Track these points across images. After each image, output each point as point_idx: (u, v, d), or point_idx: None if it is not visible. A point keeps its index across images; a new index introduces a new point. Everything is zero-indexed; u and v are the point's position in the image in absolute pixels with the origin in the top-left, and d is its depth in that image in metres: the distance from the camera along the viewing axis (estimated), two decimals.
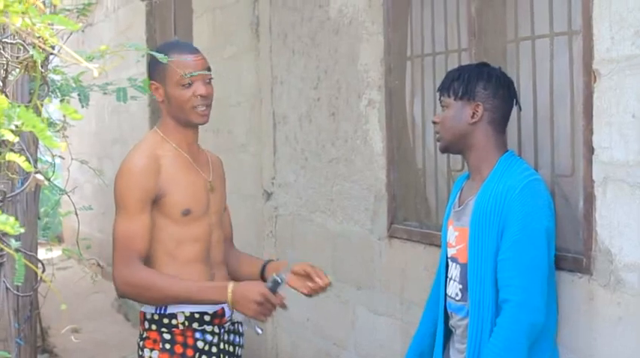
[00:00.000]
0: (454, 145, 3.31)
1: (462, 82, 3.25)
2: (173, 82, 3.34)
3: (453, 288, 3.30)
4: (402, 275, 4.32)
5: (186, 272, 3.35)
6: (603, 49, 3.00)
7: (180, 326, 3.34)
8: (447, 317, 3.37)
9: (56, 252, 10.33)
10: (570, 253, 3.21)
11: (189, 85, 3.33)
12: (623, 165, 2.94)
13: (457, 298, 3.28)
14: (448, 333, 3.39)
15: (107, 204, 9.92)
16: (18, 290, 3.56)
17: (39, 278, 3.11)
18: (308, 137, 5.20)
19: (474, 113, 3.23)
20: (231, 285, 3.26)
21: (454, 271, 3.30)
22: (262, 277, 3.56)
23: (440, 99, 3.35)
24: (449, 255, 3.35)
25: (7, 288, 3.32)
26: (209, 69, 3.42)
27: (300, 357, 5.44)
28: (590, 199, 3.08)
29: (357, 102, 4.64)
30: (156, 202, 3.32)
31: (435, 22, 4.12)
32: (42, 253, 6.35)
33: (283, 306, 3.31)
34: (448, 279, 3.34)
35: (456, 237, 3.31)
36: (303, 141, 5.26)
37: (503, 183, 3.11)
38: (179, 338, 3.35)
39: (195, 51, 3.43)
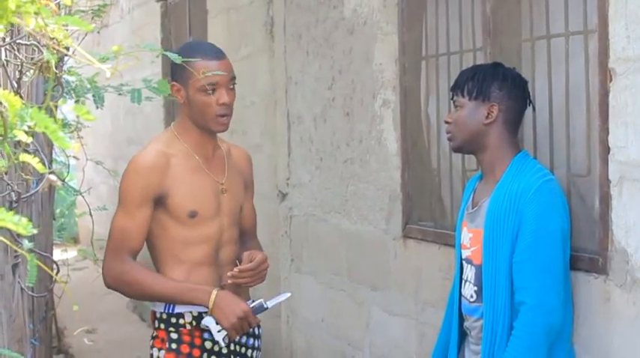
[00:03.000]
0: (467, 145, 3.30)
1: (477, 81, 3.23)
2: (196, 87, 3.30)
3: (468, 290, 3.29)
4: (416, 275, 4.31)
5: (193, 275, 3.35)
6: (619, 48, 2.98)
7: (188, 326, 3.34)
8: (461, 319, 3.36)
9: (72, 253, 10.37)
10: (586, 253, 3.20)
11: (213, 91, 3.30)
12: (639, 164, 2.92)
13: (472, 300, 3.27)
14: (463, 335, 3.38)
15: None
16: (33, 291, 3.56)
17: (53, 279, 3.11)
18: (322, 137, 5.20)
19: (488, 113, 3.21)
20: (216, 291, 3.27)
21: (469, 273, 3.28)
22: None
23: (453, 98, 3.33)
24: (463, 257, 3.34)
25: (22, 289, 3.32)
26: (234, 76, 3.38)
27: (315, 357, 5.43)
28: (606, 199, 3.06)
29: (371, 103, 4.63)
30: (161, 202, 3.30)
31: (449, 22, 4.11)
32: (57, 254, 6.37)
33: (247, 331, 3.37)
34: (463, 281, 3.33)
35: (470, 238, 3.29)
36: (317, 141, 5.25)
37: (517, 184, 3.10)
38: (186, 338, 3.35)
39: (220, 55, 3.39)
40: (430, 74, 4.26)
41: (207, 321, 3.29)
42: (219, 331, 3.28)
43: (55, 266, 3.62)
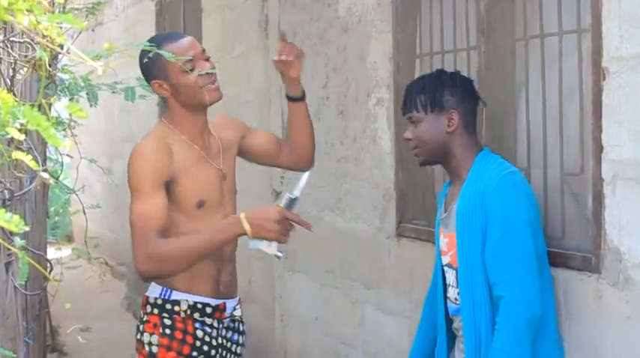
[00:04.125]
0: (434, 157, 3.35)
1: (429, 93, 3.28)
2: (176, 72, 3.30)
3: (452, 293, 3.31)
4: (410, 273, 4.31)
5: (195, 269, 3.32)
6: (612, 47, 2.98)
7: (182, 314, 3.35)
8: (449, 321, 3.39)
9: (66, 251, 10.36)
10: (579, 252, 3.20)
11: (192, 69, 3.30)
12: (632, 163, 2.93)
13: (457, 302, 3.28)
14: (452, 337, 3.39)
15: (117, 202, 9.95)
16: (26, 289, 3.56)
17: (47, 277, 3.11)
18: (317, 135, 5.17)
19: (449, 122, 3.26)
20: (242, 214, 3.15)
21: (451, 277, 3.32)
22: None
23: (407, 116, 3.37)
24: (444, 263, 3.37)
25: (15, 287, 3.32)
26: (204, 48, 3.40)
27: (309, 355, 5.43)
28: (599, 198, 3.07)
29: (365, 101, 4.63)
30: (169, 191, 3.25)
31: (443, 20, 4.11)
32: (51, 252, 6.36)
33: (302, 223, 3.20)
34: (447, 285, 3.36)
35: (446, 243, 3.33)
36: None
37: (480, 181, 3.14)
38: (179, 325, 3.35)
39: (182, 35, 3.43)
40: (424, 73, 4.26)
41: (254, 244, 3.16)
42: (269, 246, 3.15)
43: (48, 264, 3.62)
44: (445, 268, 3.35)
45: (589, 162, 3.16)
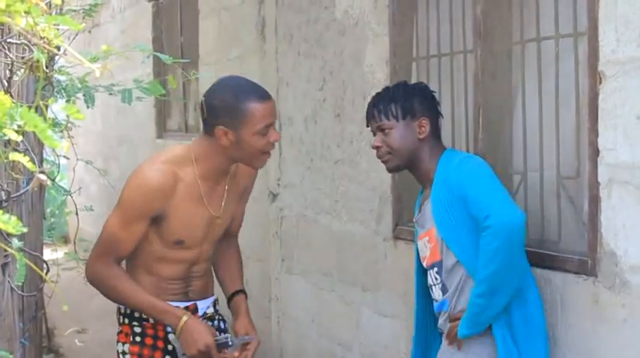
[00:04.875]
0: (405, 163, 3.42)
1: (400, 101, 3.36)
2: (252, 131, 3.19)
3: (436, 292, 3.37)
4: (406, 276, 4.31)
5: (160, 286, 3.37)
6: (609, 51, 2.99)
7: (151, 320, 3.37)
8: (435, 321, 3.46)
9: (62, 253, 10.34)
10: (575, 255, 3.21)
11: (266, 133, 3.23)
12: (628, 166, 2.93)
13: (439, 298, 3.35)
14: (438, 336, 3.45)
15: (113, 204, 9.93)
16: (23, 290, 3.56)
17: (43, 278, 3.11)
18: (313, 138, 5.20)
19: (420, 129, 3.35)
20: (184, 318, 3.28)
21: (432, 277, 3.38)
22: (229, 301, 3.58)
23: (375, 124, 3.40)
24: (425, 266, 3.42)
25: (11, 288, 3.32)
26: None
27: (305, 357, 5.44)
28: (595, 201, 3.07)
29: (362, 104, 4.63)
30: (155, 220, 3.30)
31: (440, 24, 4.12)
32: (47, 253, 6.35)
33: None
34: (430, 287, 3.41)
35: (426, 242, 3.38)
36: (308, 142, 5.25)
37: (447, 170, 3.26)
38: (149, 331, 3.40)
39: (268, 94, 3.29)
40: (421, 76, 4.27)
41: (174, 341, 3.37)
42: (183, 354, 3.35)
43: (45, 265, 3.62)
44: (428, 272, 3.40)
45: (585, 165, 3.17)
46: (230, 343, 3.36)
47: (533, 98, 3.50)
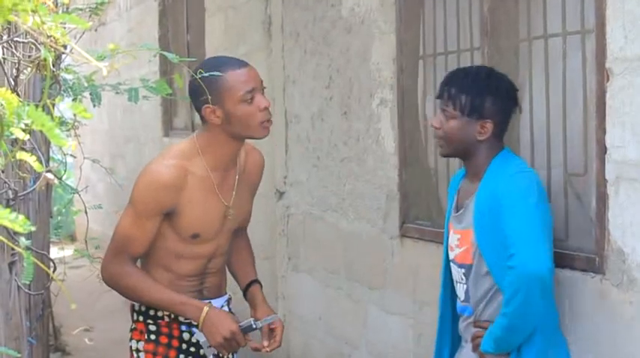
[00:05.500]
0: (456, 155, 3.31)
1: (471, 97, 3.16)
2: (235, 100, 3.20)
3: (459, 289, 3.29)
4: (414, 274, 4.31)
5: (177, 283, 3.37)
6: (616, 48, 2.98)
7: (166, 318, 3.38)
8: (457, 318, 3.37)
9: (69, 251, 10.36)
10: (583, 252, 3.20)
11: (251, 99, 3.21)
12: (636, 164, 2.93)
13: (462, 299, 3.28)
14: (458, 337, 3.38)
15: (119, 202, 9.93)
16: (30, 289, 3.56)
17: (50, 277, 3.11)
18: (320, 136, 5.20)
19: (482, 129, 3.18)
20: (206, 309, 3.27)
21: (457, 274, 3.29)
22: (245, 292, 3.57)
23: (441, 105, 3.25)
24: (451, 258, 3.33)
25: (18, 287, 3.32)
26: (261, 79, 3.33)
27: (312, 356, 5.43)
28: (602, 198, 3.07)
29: (369, 102, 4.63)
30: (169, 217, 3.29)
31: (447, 21, 4.11)
32: (54, 252, 6.36)
33: (252, 347, 3.38)
34: (455, 282, 3.33)
35: (458, 239, 3.27)
36: (315, 140, 5.25)
37: (499, 177, 3.11)
38: (164, 330, 3.39)
39: (245, 63, 3.31)
40: (428, 73, 4.26)
41: (198, 336, 3.34)
42: (208, 347, 3.33)
43: (52, 264, 3.61)
44: (451, 264, 3.32)
45: (593, 163, 3.16)
46: (254, 326, 3.34)
47: (540, 95, 3.50)
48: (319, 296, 5.30)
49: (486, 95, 3.16)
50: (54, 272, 3.56)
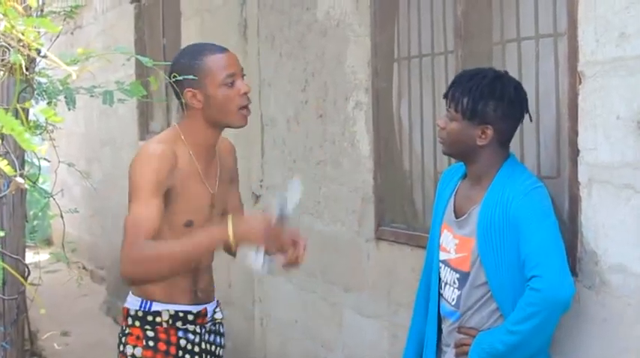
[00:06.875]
0: (456, 156, 3.26)
1: (472, 101, 3.08)
2: (216, 83, 3.22)
3: (450, 293, 3.23)
4: (389, 277, 4.32)
5: (172, 282, 3.32)
6: (588, 51, 3.00)
7: (164, 325, 3.34)
8: (439, 319, 3.31)
9: (45, 255, 10.32)
10: None
11: (232, 84, 3.24)
12: (608, 166, 2.95)
13: (452, 303, 3.22)
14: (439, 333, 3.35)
15: (96, 206, 9.92)
16: (4, 294, 3.55)
17: (22, 281, 3.10)
18: (296, 139, 5.20)
19: (482, 134, 3.10)
20: (229, 224, 3.08)
21: (451, 277, 3.23)
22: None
23: (446, 105, 3.19)
24: (443, 258, 3.27)
25: None
26: (242, 67, 3.34)
27: None
28: (575, 201, 3.08)
29: (344, 105, 4.64)
30: (166, 200, 3.20)
31: (421, 25, 4.12)
32: (30, 256, 6.34)
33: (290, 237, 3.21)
34: (443, 283, 3.28)
35: (456, 244, 3.20)
36: (290, 143, 5.26)
37: (509, 190, 3.03)
38: (162, 336, 3.34)
39: (225, 49, 3.34)
40: (402, 76, 4.28)
41: (244, 256, 3.11)
42: (256, 259, 3.09)
43: (26, 268, 3.61)
44: (442, 265, 3.26)
45: (565, 165, 3.18)
46: (284, 214, 3.16)
47: None
48: (295, 299, 5.30)
49: (489, 100, 3.07)
50: (28, 276, 3.55)
